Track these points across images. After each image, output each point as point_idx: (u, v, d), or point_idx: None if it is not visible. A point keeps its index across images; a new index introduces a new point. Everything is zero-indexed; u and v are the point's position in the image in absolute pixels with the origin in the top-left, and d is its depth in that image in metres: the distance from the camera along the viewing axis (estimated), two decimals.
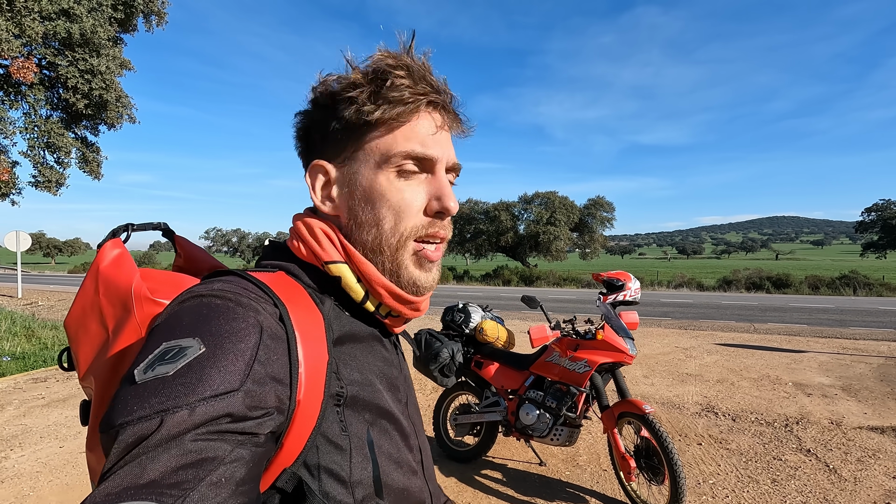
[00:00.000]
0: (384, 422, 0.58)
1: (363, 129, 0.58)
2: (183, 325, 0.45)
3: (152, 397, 0.39)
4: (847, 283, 21.93)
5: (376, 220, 0.58)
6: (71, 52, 11.02)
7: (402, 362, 0.71)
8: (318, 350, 0.52)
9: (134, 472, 0.35)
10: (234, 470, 0.38)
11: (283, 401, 0.46)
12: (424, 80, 0.58)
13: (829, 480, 3.20)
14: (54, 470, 3.42)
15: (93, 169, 13.57)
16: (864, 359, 6.68)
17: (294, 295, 0.55)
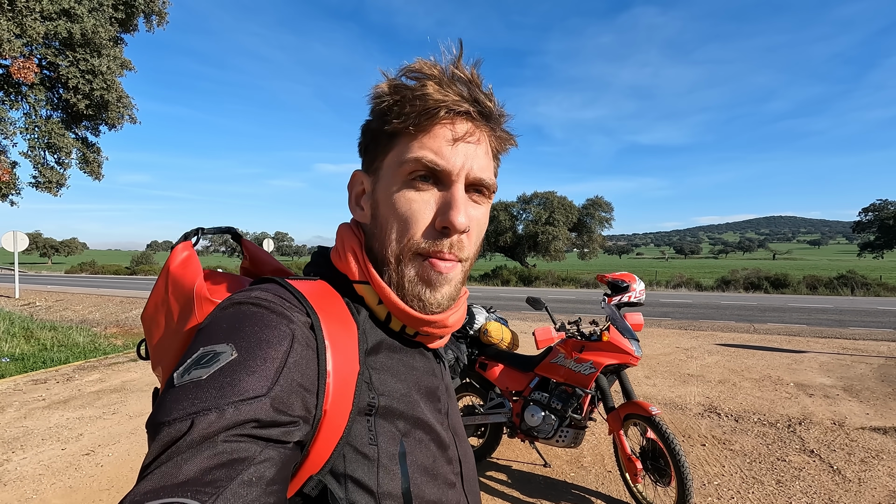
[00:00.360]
0: (420, 432, 0.58)
1: (387, 139, 0.58)
2: (220, 331, 0.47)
3: (185, 400, 0.41)
4: (845, 283, 21.98)
5: (386, 229, 0.59)
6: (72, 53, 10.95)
7: (445, 372, 0.70)
8: (348, 360, 0.52)
9: (170, 472, 0.37)
10: (265, 470, 0.40)
11: (309, 409, 0.47)
12: (453, 88, 0.56)
13: (833, 481, 3.21)
14: (57, 472, 3.40)
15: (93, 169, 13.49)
16: (865, 359, 6.70)
17: (329, 305, 0.56)
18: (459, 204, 0.56)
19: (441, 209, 0.57)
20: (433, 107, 0.55)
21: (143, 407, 4.85)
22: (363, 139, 0.63)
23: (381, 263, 0.60)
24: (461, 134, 0.57)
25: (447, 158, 0.56)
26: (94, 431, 4.18)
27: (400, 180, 0.57)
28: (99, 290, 23.42)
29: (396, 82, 0.57)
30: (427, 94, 0.55)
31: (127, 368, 6.50)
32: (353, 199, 0.65)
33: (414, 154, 0.56)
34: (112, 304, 16.68)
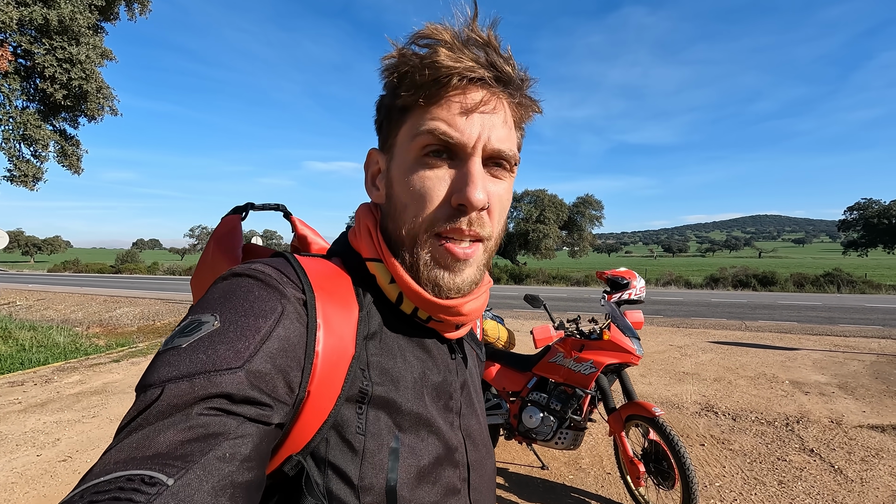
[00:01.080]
0: (421, 429, 0.54)
1: (399, 113, 0.55)
2: (210, 301, 0.47)
3: (162, 367, 0.41)
4: (831, 280, 22.28)
5: (399, 208, 0.55)
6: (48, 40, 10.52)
7: (463, 370, 0.65)
8: (341, 342, 0.50)
9: (142, 443, 0.36)
10: (240, 446, 0.38)
11: (292, 387, 0.45)
12: (466, 52, 0.51)
13: (835, 482, 3.15)
14: (31, 480, 3.23)
15: (72, 163, 13.05)
16: (857, 356, 6.70)
17: (332, 284, 0.54)
18: (476, 179, 0.52)
19: (456, 185, 0.53)
20: (444, 75, 0.50)
21: (125, 410, 4.67)
22: (377, 116, 0.60)
23: (396, 244, 0.57)
24: (476, 102, 0.52)
25: (461, 130, 0.52)
26: (72, 436, 4.00)
27: (413, 156, 0.54)
28: (82, 288, 22.94)
29: (405, 51, 0.52)
30: (437, 61, 0.50)
31: (109, 369, 6.29)
32: (369, 179, 0.62)
33: (425, 126, 0.52)
34: (95, 304, 16.32)
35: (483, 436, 0.65)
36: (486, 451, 0.65)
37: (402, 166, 0.55)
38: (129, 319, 13.30)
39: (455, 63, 0.50)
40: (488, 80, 0.53)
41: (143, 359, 6.89)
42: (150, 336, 10.47)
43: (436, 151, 0.53)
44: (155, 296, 17.61)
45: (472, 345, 0.71)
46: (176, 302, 15.17)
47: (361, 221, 0.61)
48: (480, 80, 0.53)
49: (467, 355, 0.68)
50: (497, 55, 0.53)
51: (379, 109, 0.59)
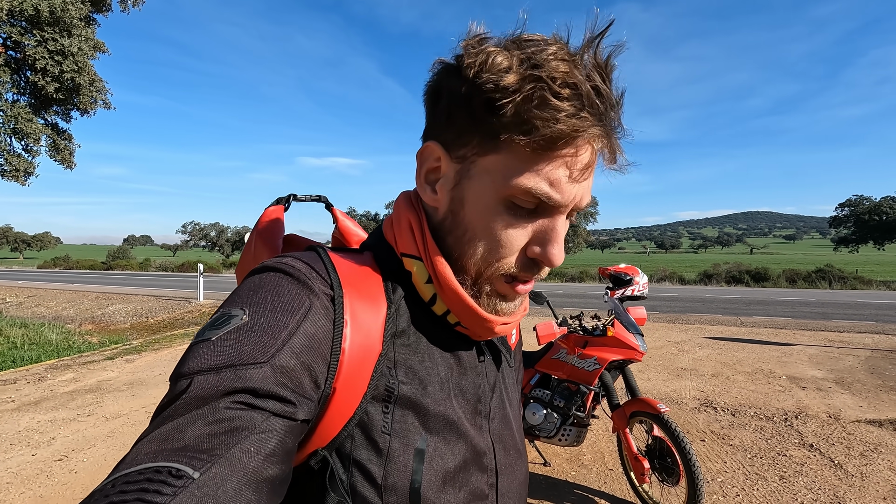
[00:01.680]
0: (448, 432, 0.53)
1: (492, 135, 0.48)
2: (241, 295, 0.47)
3: (193, 359, 0.41)
4: (823, 276, 22.50)
5: (470, 241, 0.52)
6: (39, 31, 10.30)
7: (493, 373, 0.63)
8: (369, 339, 0.49)
9: (172, 435, 0.36)
10: (266, 440, 0.38)
11: (318, 383, 0.45)
12: (593, 104, 0.45)
13: (836, 476, 3.17)
14: (27, 480, 3.18)
15: (64, 157, 12.84)
16: (852, 351, 6.76)
17: (362, 279, 0.53)
18: (561, 238, 0.51)
19: (538, 239, 0.51)
20: (565, 135, 0.45)
21: (121, 408, 4.61)
22: (450, 103, 0.51)
23: (457, 263, 0.54)
24: (584, 165, 0.48)
25: (563, 192, 0.48)
26: (67, 435, 3.94)
27: (500, 198, 0.49)
28: (74, 285, 22.71)
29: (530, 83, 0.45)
30: (562, 112, 0.44)
31: (103, 367, 6.22)
32: (423, 175, 0.56)
33: (528, 184, 0.47)
34: (87, 300, 16.16)
35: (515, 441, 0.63)
36: (518, 456, 0.63)
37: (484, 199, 0.51)
38: (121, 316, 13.18)
39: (581, 123, 0.45)
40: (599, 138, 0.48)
41: (137, 356, 6.82)
42: (143, 333, 10.37)
43: (527, 202, 0.49)
44: (148, 292, 17.45)
45: (503, 349, 0.69)
46: (169, 298, 15.03)
47: (402, 214, 0.58)
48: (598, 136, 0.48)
49: (501, 358, 0.66)
50: (611, 106, 0.47)
51: (453, 98, 0.50)
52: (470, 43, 0.49)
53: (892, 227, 39.80)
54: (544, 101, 0.44)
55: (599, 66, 0.47)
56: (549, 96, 0.44)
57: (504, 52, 0.46)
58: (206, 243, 75.20)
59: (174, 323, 11.20)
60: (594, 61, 0.47)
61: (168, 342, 7.81)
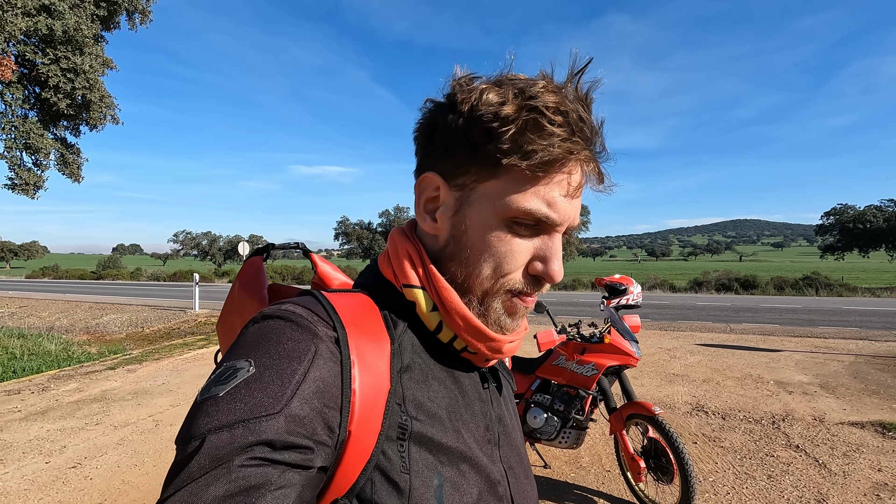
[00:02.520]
0: (462, 464, 0.52)
1: (490, 163, 0.52)
2: (243, 346, 0.47)
3: (200, 418, 0.41)
4: (810, 283, 22.92)
5: (476, 262, 0.54)
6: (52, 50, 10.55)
7: (497, 400, 0.65)
8: (377, 378, 0.49)
9: (186, 500, 0.36)
10: (284, 496, 0.38)
11: (332, 429, 0.44)
12: (581, 131, 0.51)
13: (820, 475, 3.35)
14: (43, 487, 3.26)
15: (73, 171, 12.99)
16: (836, 357, 6.99)
17: (363, 318, 0.53)
18: (559, 255, 0.54)
19: (539, 257, 0.54)
20: (561, 157, 0.50)
21: (128, 416, 4.69)
22: (447, 138, 0.54)
23: (461, 290, 0.56)
24: (577, 185, 0.53)
25: (560, 212, 0.52)
26: (78, 443, 4.02)
27: (502, 220, 0.53)
28: (65, 295, 22.53)
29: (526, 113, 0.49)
30: (557, 137, 0.49)
31: (105, 377, 6.27)
32: (422, 205, 0.58)
33: (528, 206, 0.51)
34: (80, 310, 16.08)
35: (523, 466, 0.64)
36: (528, 481, 0.64)
37: (486, 222, 0.53)
38: (116, 326, 13.14)
39: (573, 146, 0.50)
40: (587, 161, 0.53)
41: (138, 366, 6.87)
42: (140, 343, 10.39)
43: (527, 222, 0.53)
44: (141, 302, 17.39)
45: (503, 373, 0.71)
46: (164, 308, 15.01)
47: (400, 248, 0.59)
48: (586, 160, 0.53)
49: (501, 384, 0.68)
50: (595, 133, 0.53)
51: (451, 132, 0.53)
52: (460, 82, 0.54)
53: (877, 235, 40.65)
54: (540, 127, 0.49)
55: (580, 98, 0.52)
56: (545, 123, 0.49)
57: (495, 89, 0.51)
58: (197, 252, 74.65)
59: (170, 333, 11.21)
60: (576, 94, 0.52)
61: (168, 352, 7.87)
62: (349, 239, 48.83)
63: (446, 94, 0.55)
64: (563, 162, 0.50)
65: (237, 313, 0.72)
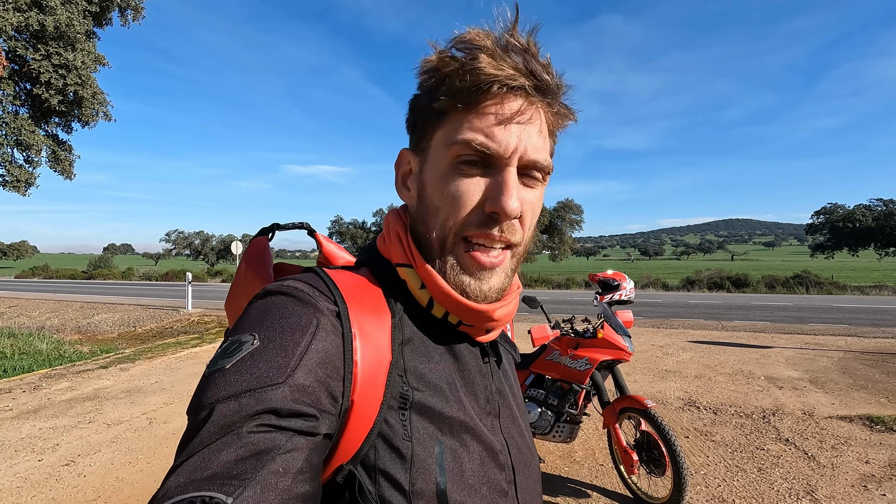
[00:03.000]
0: (463, 433, 0.54)
1: (435, 116, 0.55)
2: (248, 321, 0.48)
3: (209, 389, 0.42)
4: (800, 282, 23.17)
5: (433, 213, 0.56)
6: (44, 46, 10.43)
7: (497, 373, 0.65)
8: (378, 350, 0.51)
9: (199, 465, 0.37)
10: (293, 459, 0.40)
11: (335, 398, 0.46)
12: (507, 60, 0.51)
13: (809, 467, 3.40)
14: (37, 485, 3.25)
15: (65, 168, 12.84)
16: (826, 353, 7.09)
17: (363, 293, 0.55)
18: (511, 188, 0.52)
19: (490, 193, 0.53)
20: (484, 82, 0.50)
21: (121, 414, 4.67)
22: (411, 115, 0.59)
23: (426, 247, 0.57)
24: (514, 112, 0.52)
25: (498, 140, 0.51)
26: (71, 441, 4.00)
27: (448, 162, 0.54)
28: (55, 294, 22.31)
29: (446, 54, 0.52)
30: (478, 67, 0.50)
31: (98, 376, 6.24)
32: (400, 180, 0.62)
33: (463, 136, 0.52)
34: (71, 310, 15.93)
35: (524, 436, 0.65)
36: (530, 452, 0.65)
37: (437, 170, 0.55)
38: (108, 326, 13.04)
39: (496, 71, 0.50)
40: (527, 89, 0.52)
41: (131, 365, 6.84)
42: (132, 342, 10.32)
43: (471, 160, 0.53)
44: (133, 301, 17.26)
45: (505, 346, 0.72)
46: (156, 308, 14.91)
47: (391, 227, 0.62)
48: (520, 89, 0.52)
49: (502, 357, 0.69)
50: (536, 62, 0.53)
51: (413, 109, 0.58)
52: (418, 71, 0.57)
53: (865, 234, 41.16)
54: (463, 65, 0.51)
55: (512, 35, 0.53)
56: (467, 59, 0.51)
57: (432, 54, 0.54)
58: (189, 252, 74.12)
59: (163, 332, 11.15)
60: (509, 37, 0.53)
61: (161, 351, 7.83)
62: (343, 238, 48.71)
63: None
64: (489, 89, 0.51)
65: (243, 291, 0.73)
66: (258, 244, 0.77)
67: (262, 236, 0.79)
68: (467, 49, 0.51)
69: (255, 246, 0.77)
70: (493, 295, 0.56)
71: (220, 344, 0.48)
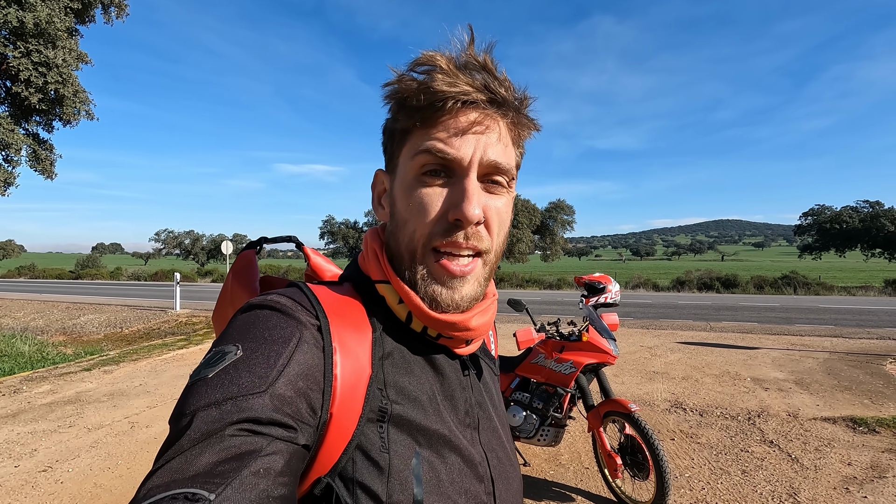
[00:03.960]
0: (441, 445, 0.55)
1: (400, 135, 0.58)
2: (232, 333, 0.50)
3: (191, 397, 0.43)
4: (788, 282, 23.41)
5: (401, 226, 0.57)
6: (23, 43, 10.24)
7: (477, 385, 0.66)
8: (358, 363, 0.52)
9: (180, 467, 0.38)
10: (273, 462, 0.40)
11: (315, 410, 0.47)
12: (461, 77, 0.54)
13: (792, 469, 3.42)
14: (11, 491, 3.18)
15: (45, 168, 12.62)
16: (811, 354, 7.15)
17: (345, 308, 0.56)
18: (472, 194, 0.54)
19: (452, 200, 0.54)
20: (439, 99, 0.53)
21: (103, 418, 4.59)
22: (383, 138, 0.62)
23: (398, 261, 0.59)
24: (469, 122, 0.54)
25: (456, 147, 0.53)
26: (49, 446, 3.93)
27: (412, 175, 0.56)
28: (41, 295, 21.98)
29: (404, 77, 0.55)
30: (433, 87, 0.52)
31: (80, 378, 6.14)
32: (376, 199, 0.65)
33: (423, 146, 0.54)
34: (57, 311, 15.70)
35: (506, 449, 0.66)
36: (511, 464, 0.65)
37: (403, 184, 0.57)
38: (94, 327, 12.86)
39: (450, 88, 0.52)
40: (481, 103, 0.54)
41: (115, 367, 6.74)
42: (119, 344, 10.18)
43: (433, 171, 0.55)
44: (121, 302, 17.05)
45: (485, 360, 0.72)
46: (144, 308, 14.74)
47: (369, 245, 0.64)
48: (474, 103, 0.54)
49: (482, 370, 0.70)
50: (492, 78, 0.55)
51: (384, 132, 0.62)
52: None
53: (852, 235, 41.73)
54: (420, 85, 0.53)
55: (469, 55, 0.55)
56: (423, 80, 0.53)
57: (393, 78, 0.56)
58: (180, 252, 73.48)
59: (150, 333, 11.02)
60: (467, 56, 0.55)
61: (146, 352, 7.73)
62: (335, 238, 48.53)
63: None
64: (444, 104, 0.53)
65: (230, 304, 0.74)
66: (245, 258, 0.78)
67: (249, 250, 0.80)
68: (424, 70, 0.54)
69: (243, 260, 0.78)
70: (465, 304, 0.57)
71: (204, 355, 0.49)
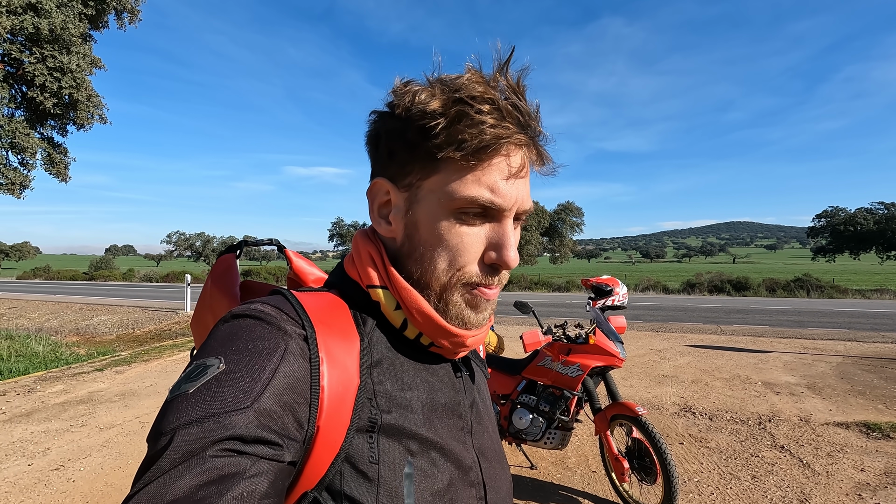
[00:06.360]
0: (433, 452, 0.54)
1: (431, 160, 0.53)
2: (213, 344, 0.47)
3: (171, 414, 0.41)
4: (801, 285, 23.09)
5: (430, 258, 0.55)
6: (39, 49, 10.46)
7: (470, 388, 0.66)
8: (346, 374, 0.50)
9: (159, 491, 0.36)
10: (256, 484, 0.39)
11: (301, 424, 0.45)
12: (511, 115, 0.52)
13: (804, 475, 3.37)
14: (25, 490, 3.23)
15: (59, 171, 12.90)
16: (824, 358, 7.05)
17: (332, 316, 0.54)
18: (512, 242, 0.55)
19: (493, 245, 0.55)
20: (492, 142, 0.51)
21: (114, 418, 4.66)
22: (387, 141, 0.57)
23: (420, 286, 0.57)
24: (517, 169, 0.54)
25: (503, 196, 0.53)
26: (62, 445, 3.98)
27: (449, 212, 0.54)
28: (56, 296, 22.33)
29: (453, 105, 0.51)
30: (486, 124, 0.50)
31: (93, 378, 6.22)
32: (376, 210, 0.60)
33: (470, 193, 0.52)
34: (71, 312, 15.94)
35: (497, 452, 0.66)
36: (501, 467, 0.65)
37: (434, 216, 0.55)
38: (107, 328, 13.03)
39: (504, 131, 0.51)
40: (524, 144, 0.54)
41: (127, 367, 6.82)
42: (131, 344, 10.31)
43: (474, 211, 0.54)
44: (133, 303, 17.27)
45: (475, 361, 0.72)
46: (155, 309, 14.91)
47: (362, 249, 0.60)
48: (520, 146, 0.54)
49: (474, 371, 0.69)
50: (531, 117, 0.54)
51: (391, 135, 0.56)
52: (397, 88, 0.56)
53: (867, 237, 41.10)
54: (469, 116, 0.50)
55: (511, 85, 0.53)
56: (472, 112, 0.50)
57: (426, 89, 0.53)
58: (191, 253, 74.27)
59: (161, 334, 11.14)
60: (507, 82, 0.53)
61: (157, 353, 7.82)
62: (344, 240, 48.73)
63: (387, 103, 0.57)
64: (496, 147, 0.52)
65: (209, 310, 0.73)
66: (224, 262, 0.77)
67: (229, 254, 0.78)
68: (472, 100, 0.51)
69: (222, 264, 0.76)
70: (485, 321, 0.59)
71: (184, 368, 0.47)
